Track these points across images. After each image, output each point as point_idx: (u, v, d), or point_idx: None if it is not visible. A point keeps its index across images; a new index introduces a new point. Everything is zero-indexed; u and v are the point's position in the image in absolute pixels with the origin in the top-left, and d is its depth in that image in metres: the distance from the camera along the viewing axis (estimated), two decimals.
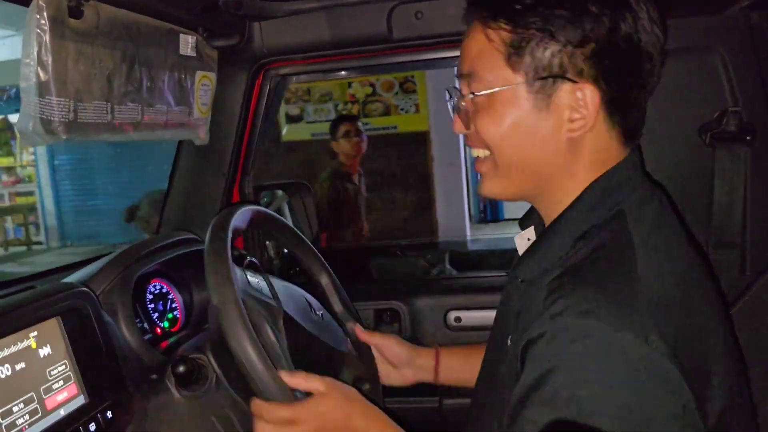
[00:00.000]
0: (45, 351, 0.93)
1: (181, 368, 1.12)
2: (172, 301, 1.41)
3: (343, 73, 1.63)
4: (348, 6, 1.41)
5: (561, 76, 0.83)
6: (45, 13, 0.99)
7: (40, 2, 0.99)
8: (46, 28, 1.00)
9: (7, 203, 10.10)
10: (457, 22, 1.36)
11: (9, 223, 9.53)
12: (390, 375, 1.33)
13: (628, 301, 0.75)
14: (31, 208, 9.88)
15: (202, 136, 1.47)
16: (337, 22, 1.44)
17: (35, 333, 0.92)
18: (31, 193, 10.14)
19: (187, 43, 1.34)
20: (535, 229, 1.03)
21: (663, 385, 0.71)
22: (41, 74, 1.01)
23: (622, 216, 0.85)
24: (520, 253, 1.00)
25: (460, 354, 1.34)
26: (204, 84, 1.42)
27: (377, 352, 1.32)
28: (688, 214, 1.17)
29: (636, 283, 0.76)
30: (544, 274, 0.86)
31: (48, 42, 1.00)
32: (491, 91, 0.87)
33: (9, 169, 10.36)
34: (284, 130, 6.65)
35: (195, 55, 1.37)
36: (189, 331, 1.39)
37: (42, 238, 9.83)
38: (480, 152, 0.93)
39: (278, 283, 1.24)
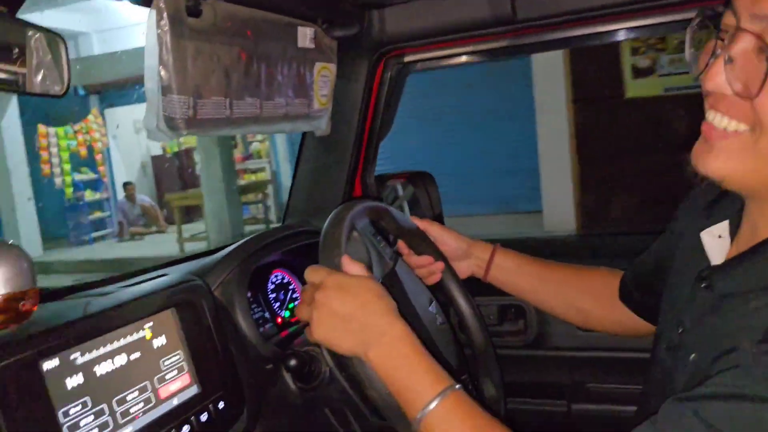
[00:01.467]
0: (160, 341, 0.97)
1: (293, 362, 1.13)
2: (294, 291, 1.43)
3: (464, 59, 1.54)
4: None
5: None
6: (165, 14, 1.02)
7: (160, 3, 1.02)
8: (166, 28, 1.03)
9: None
10: None
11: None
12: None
13: None
14: (264, 185, 9.85)
15: (323, 127, 1.46)
16: (457, 6, 1.37)
17: (150, 324, 0.96)
18: (261, 170, 10.13)
19: (306, 36, 1.34)
20: (730, 223, 0.84)
21: None
22: (163, 74, 1.05)
23: None
24: (709, 253, 0.83)
25: (514, 257, 1.27)
26: (323, 75, 1.41)
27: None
28: None
29: None
30: (752, 292, 0.69)
31: (168, 42, 1.03)
32: None
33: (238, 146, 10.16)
34: (628, 86, 5.89)
35: (314, 46, 1.36)
36: None
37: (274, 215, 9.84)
38: (731, 125, 0.72)
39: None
